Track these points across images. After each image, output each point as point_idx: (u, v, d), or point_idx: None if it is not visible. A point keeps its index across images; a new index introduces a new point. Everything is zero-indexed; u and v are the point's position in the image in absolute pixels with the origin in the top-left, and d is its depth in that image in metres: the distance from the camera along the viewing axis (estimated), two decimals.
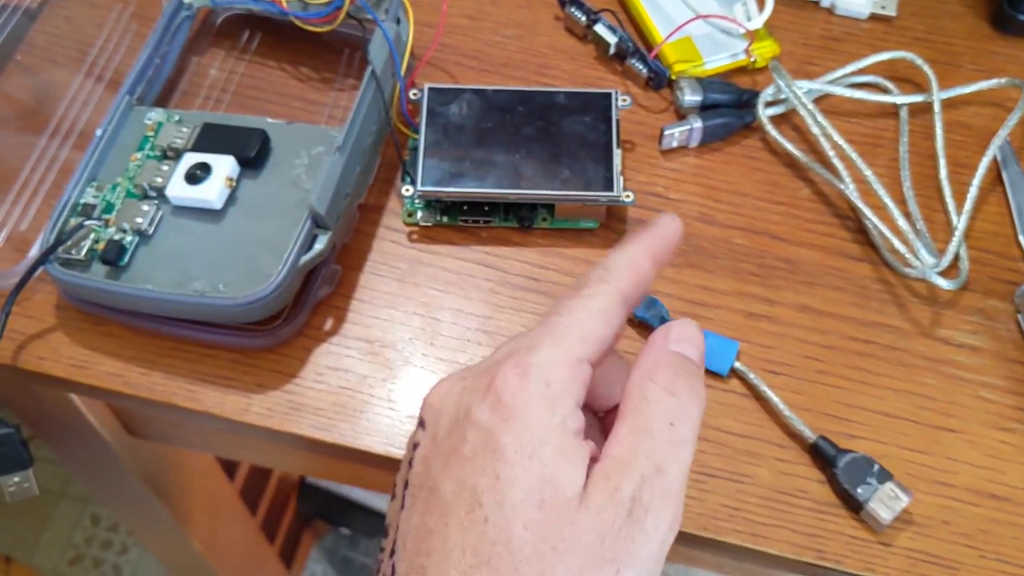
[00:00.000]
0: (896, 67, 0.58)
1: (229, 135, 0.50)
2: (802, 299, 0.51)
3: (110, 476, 0.71)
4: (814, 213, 0.54)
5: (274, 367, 0.49)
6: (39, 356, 0.49)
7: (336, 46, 0.58)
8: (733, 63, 0.58)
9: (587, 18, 0.58)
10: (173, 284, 0.47)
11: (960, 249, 0.52)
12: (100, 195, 0.50)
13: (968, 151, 0.56)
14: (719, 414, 0.48)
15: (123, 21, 0.60)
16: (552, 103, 0.54)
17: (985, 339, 0.50)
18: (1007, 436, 0.47)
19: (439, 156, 0.52)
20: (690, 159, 0.55)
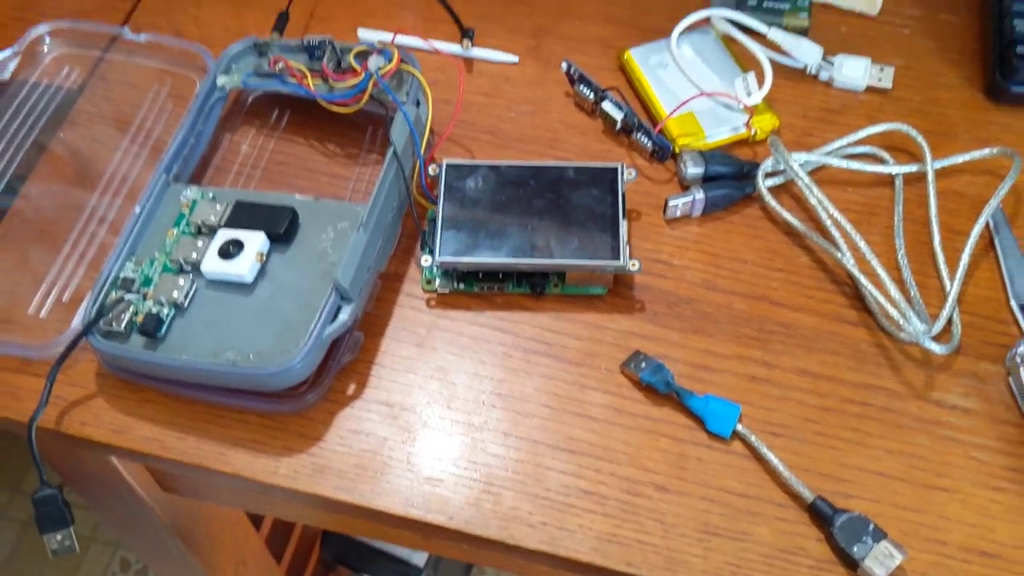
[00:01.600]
0: (892, 138, 0.61)
1: (260, 212, 0.54)
2: (801, 363, 0.53)
3: (142, 527, 0.74)
4: (812, 280, 0.56)
5: (300, 431, 0.52)
6: (81, 421, 0.52)
7: (360, 123, 0.62)
8: (734, 136, 0.61)
9: (595, 95, 0.62)
10: (207, 354, 0.50)
11: (953, 314, 0.54)
12: (139, 269, 0.53)
13: (961, 218, 0.58)
14: (722, 475, 0.50)
15: (160, 100, 0.64)
16: (562, 177, 0.57)
17: (977, 401, 0.52)
18: (998, 495, 0.50)
19: (456, 227, 0.55)
20: (693, 228, 0.58)
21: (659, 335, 0.54)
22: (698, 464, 0.50)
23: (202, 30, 0.68)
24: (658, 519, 0.49)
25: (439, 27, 0.68)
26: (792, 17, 0.65)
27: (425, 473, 0.51)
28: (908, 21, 0.67)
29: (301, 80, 0.59)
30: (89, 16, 0.69)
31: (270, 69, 0.60)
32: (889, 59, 0.65)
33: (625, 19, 0.68)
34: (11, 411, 0.53)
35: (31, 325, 0.55)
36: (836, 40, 0.66)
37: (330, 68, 0.59)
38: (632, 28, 0.67)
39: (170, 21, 0.68)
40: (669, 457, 0.51)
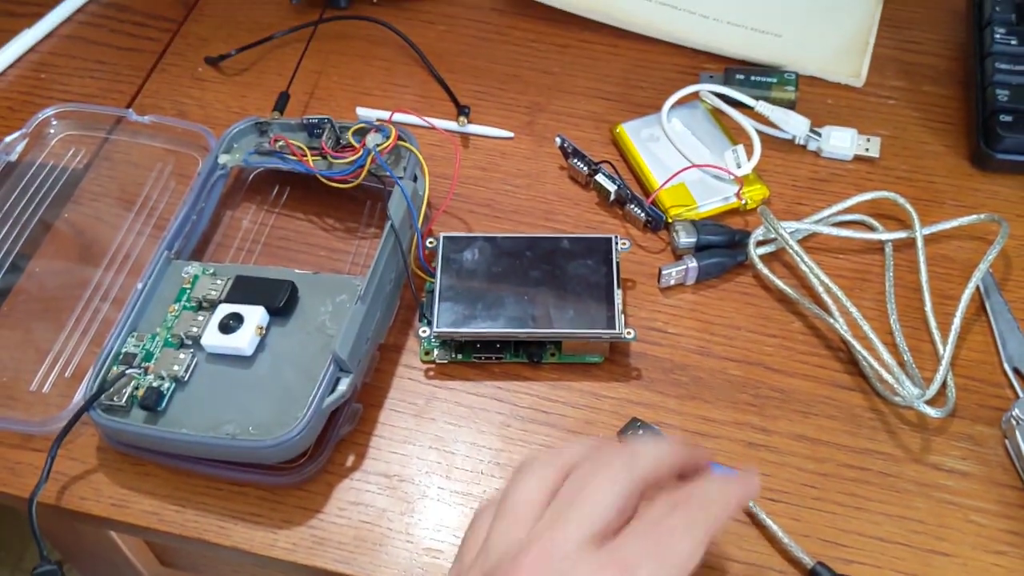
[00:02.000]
0: (880, 205, 0.62)
1: (259, 286, 0.55)
2: (797, 428, 0.54)
3: None
4: (806, 345, 0.57)
5: (299, 503, 0.52)
6: (81, 496, 0.53)
7: (359, 198, 0.63)
8: (725, 206, 0.62)
9: (589, 169, 0.63)
10: (207, 427, 0.50)
11: (947, 377, 0.55)
12: (140, 344, 0.54)
13: (952, 283, 0.59)
14: (721, 542, 0.50)
15: (164, 178, 0.65)
16: (557, 248, 0.58)
17: (974, 464, 0.52)
18: (998, 559, 0.49)
19: (454, 299, 0.56)
20: (687, 296, 0.59)
21: (656, 402, 0.55)
22: None
23: (205, 111, 0.70)
24: None
25: (436, 105, 0.69)
26: (779, 90, 0.67)
27: (424, 544, 0.50)
28: (892, 92, 0.69)
29: (301, 157, 0.60)
30: (95, 99, 0.71)
31: (270, 147, 0.62)
32: (875, 129, 0.66)
33: (616, 95, 0.69)
34: (11, 487, 0.53)
35: (33, 401, 0.55)
36: (823, 112, 0.68)
37: (329, 145, 0.60)
38: (623, 103, 0.69)
39: (173, 103, 0.70)
40: None
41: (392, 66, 0.72)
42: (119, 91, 0.71)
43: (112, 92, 0.71)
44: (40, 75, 0.73)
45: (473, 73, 0.71)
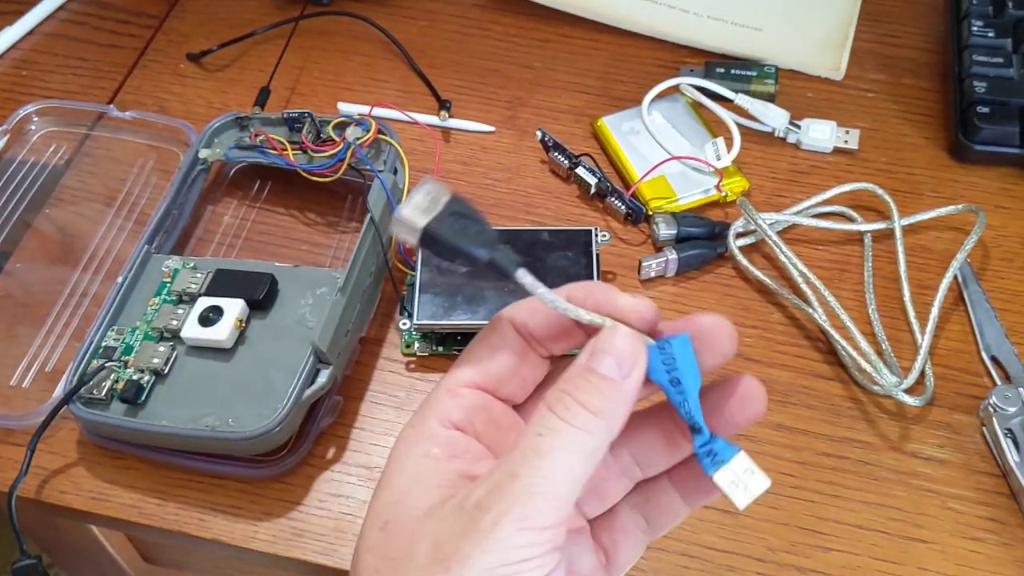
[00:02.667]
0: (860, 197, 0.63)
1: (239, 279, 0.55)
2: (776, 417, 0.54)
3: None
4: (785, 336, 0.57)
5: (279, 495, 0.52)
6: (61, 490, 0.52)
7: (339, 192, 0.63)
8: (705, 198, 0.62)
9: (569, 162, 0.63)
10: (186, 420, 0.50)
11: (925, 366, 0.55)
12: (120, 338, 0.54)
13: (930, 273, 0.60)
14: (699, 530, 0.50)
15: (144, 173, 0.65)
16: (537, 240, 0.58)
17: (952, 452, 0.53)
18: (976, 545, 0.50)
19: (434, 291, 0.56)
20: (668, 288, 0.59)
21: None
22: None
23: (186, 107, 0.70)
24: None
25: (417, 100, 0.69)
26: (759, 84, 0.67)
27: None
28: (872, 85, 0.70)
29: (281, 152, 0.60)
30: (76, 96, 0.70)
31: (251, 142, 0.62)
32: (854, 122, 0.67)
33: (597, 89, 0.70)
34: None
35: (13, 396, 0.55)
36: (802, 104, 0.68)
37: (309, 139, 0.60)
38: (603, 97, 0.69)
39: (155, 99, 0.70)
40: None
41: (373, 61, 0.72)
42: (100, 88, 0.71)
43: (93, 89, 0.71)
44: (21, 72, 0.73)
45: (454, 68, 0.71)
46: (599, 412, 0.31)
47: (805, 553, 0.49)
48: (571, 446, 0.30)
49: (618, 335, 0.31)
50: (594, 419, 0.31)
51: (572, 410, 0.30)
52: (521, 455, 0.30)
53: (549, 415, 0.31)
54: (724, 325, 0.33)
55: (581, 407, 0.31)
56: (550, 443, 0.30)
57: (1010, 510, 0.51)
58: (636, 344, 0.32)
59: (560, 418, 0.30)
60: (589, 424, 0.30)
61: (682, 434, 0.35)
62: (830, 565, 0.49)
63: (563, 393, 0.31)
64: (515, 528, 0.29)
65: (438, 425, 0.33)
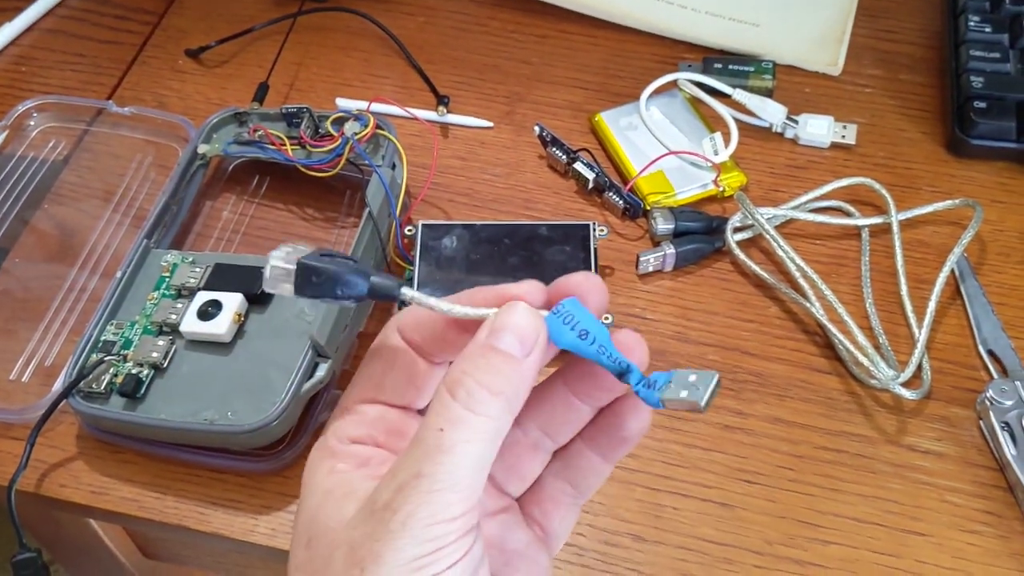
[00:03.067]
0: (857, 191, 0.63)
1: (238, 274, 0.55)
2: (773, 411, 0.54)
3: None
4: (783, 330, 0.57)
5: (279, 489, 0.52)
6: (60, 484, 0.53)
7: (338, 188, 0.63)
8: (703, 193, 0.62)
9: (567, 157, 0.63)
10: (185, 414, 0.50)
11: (923, 360, 0.55)
12: (119, 332, 0.54)
13: (927, 267, 0.60)
14: (697, 523, 0.50)
15: (143, 169, 0.65)
16: (535, 234, 0.58)
17: (949, 445, 0.53)
18: (973, 538, 0.50)
19: (433, 286, 0.56)
20: (665, 282, 0.60)
21: None
22: (674, 513, 0.51)
23: (185, 103, 0.70)
24: (635, 569, 0.49)
25: (416, 95, 0.70)
26: (757, 79, 0.68)
27: None
28: (869, 81, 0.70)
29: (280, 147, 0.60)
30: (75, 92, 0.71)
31: (250, 137, 0.62)
32: (852, 117, 0.67)
33: (594, 84, 0.70)
34: None
35: (12, 390, 0.56)
36: (800, 100, 0.68)
37: (308, 135, 0.60)
38: (601, 93, 0.69)
39: (154, 95, 0.70)
40: (645, 507, 0.51)
41: (371, 57, 0.72)
42: (99, 84, 0.71)
43: (92, 85, 0.71)
44: (20, 68, 0.73)
45: (452, 64, 0.71)
46: (501, 393, 0.30)
47: (803, 546, 0.50)
48: (475, 436, 0.29)
49: (516, 311, 0.31)
50: (496, 402, 0.30)
51: (474, 395, 0.30)
52: (424, 452, 0.29)
53: (450, 402, 0.30)
54: (591, 278, 0.33)
55: (482, 389, 0.30)
56: (452, 437, 0.29)
57: (1006, 503, 0.51)
58: (534, 317, 0.31)
59: (462, 406, 0.30)
60: (491, 408, 0.30)
61: (579, 397, 0.35)
62: (828, 558, 0.49)
63: (463, 374, 0.30)
64: (425, 525, 0.29)
65: (338, 443, 0.34)
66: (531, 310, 0.31)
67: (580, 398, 0.35)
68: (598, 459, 0.36)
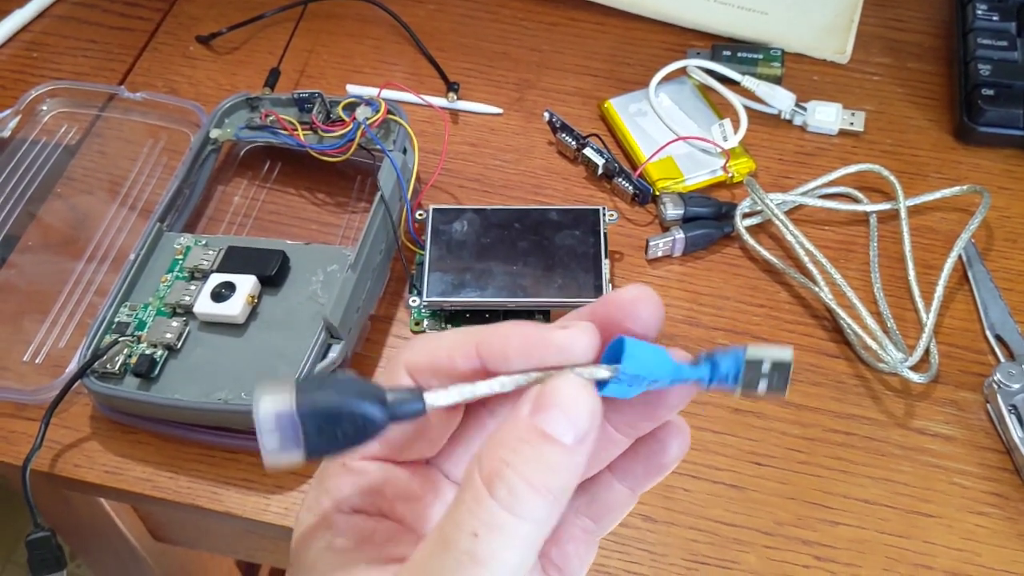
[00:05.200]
0: (865, 178, 0.63)
1: (251, 256, 0.55)
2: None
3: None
4: (792, 314, 0.58)
5: (291, 469, 0.52)
6: (75, 464, 0.53)
7: (349, 173, 0.64)
8: (712, 179, 0.63)
9: (577, 143, 0.64)
10: (199, 394, 0.51)
11: (930, 344, 0.56)
12: (133, 314, 0.54)
13: (935, 253, 0.60)
14: (708, 504, 0.51)
15: (155, 154, 0.66)
16: (545, 219, 0.58)
17: (957, 428, 0.53)
18: (982, 519, 0.50)
19: (443, 269, 0.56)
20: (675, 267, 0.60)
21: None
22: (684, 494, 0.51)
23: (196, 89, 0.70)
24: (646, 549, 0.50)
25: (426, 82, 0.70)
26: (765, 66, 0.68)
27: None
28: (877, 69, 0.70)
29: (291, 132, 0.61)
30: (87, 77, 0.71)
31: (261, 122, 0.62)
32: (860, 104, 0.67)
33: (604, 72, 0.70)
34: (5, 455, 0.53)
35: (26, 372, 0.56)
36: (808, 87, 0.68)
37: (319, 120, 0.61)
38: (611, 80, 0.69)
39: (165, 81, 0.71)
40: (656, 488, 0.50)
41: (382, 44, 0.73)
42: (111, 69, 0.72)
43: (104, 71, 0.72)
44: (32, 54, 0.73)
45: (462, 51, 0.72)
46: (549, 492, 0.24)
47: (813, 527, 0.50)
48: (516, 543, 0.24)
49: (568, 384, 0.25)
50: (543, 503, 0.24)
51: (517, 494, 0.24)
52: (455, 562, 0.24)
53: (488, 501, 0.24)
54: (644, 294, 0.28)
55: (528, 487, 0.24)
56: (489, 547, 0.24)
57: (1014, 485, 0.51)
58: (590, 394, 0.25)
59: (502, 507, 0.24)
60: (537, 510, 0.24)
61: (619, 429, 0.30)
62: (837, 539, 0.50)
63: (504, 465, 0.24)
64: None
65: (336, 511, 0.28)
66: (585, 384, 0.26)
67: (620, 430, 0.30)
68: (626, 492, 0.32)
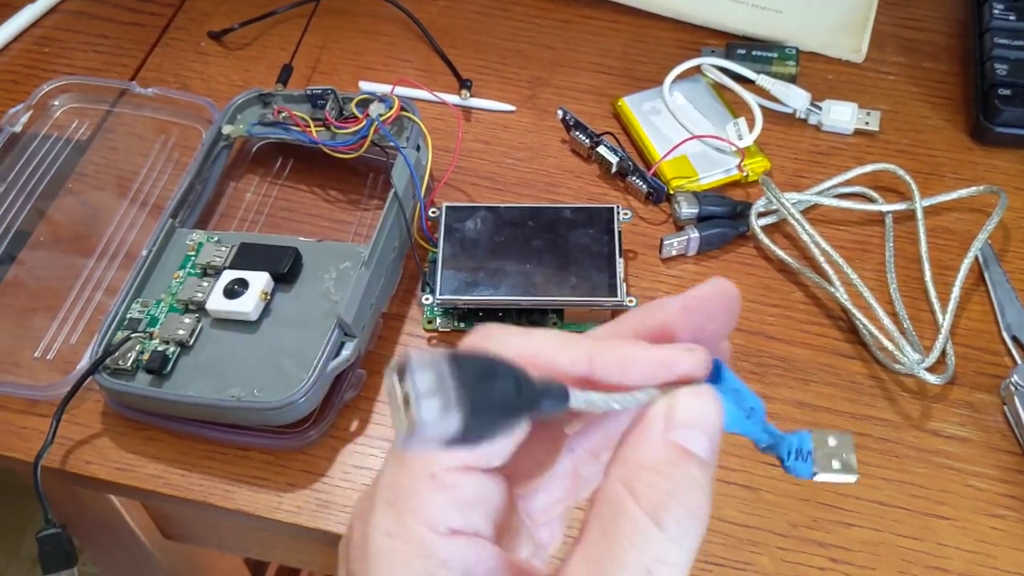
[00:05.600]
0: (881, 178, 0.63)
1: (264, 253, 0.55)
2: (798, 395, 0.54)
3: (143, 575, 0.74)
4: (807, 314, 0.57)
5: (303, 467, 0.52)
6: (86, 460, 0.53)
7: (362, 170, 0.63)
8: (727, 178, 0.62)
9: (590, 141, 0.63)
10: (212, 390, 0.51)
11: (946, 345, 0.55)
12: (145, 310, 0.54)
13: (951, 254, 0.60)
14: (722, 505, 0.50)
15: (166, 150, 0.66)
16: (559, 217, 0.58)
17: (973, 430, 0.53)
18: (997, 522, 0.50)
19: (456, 267, 0.56)
20: (689, 266, 0.60)
21: None
22: None
23: (208, 85, 0.70)
24: None
25: (438, 79, 0.70)
26: (780, 65, 0.67)
27: None
28: (893, 68, 0.70)
29: (304, 128, 0.60)
30: (99, 73, 0.71)
31: (274, 118, 0.62)
32: (875, 104, 0.67)
33: (617, 69, 0.70)
34: (17, 451, 0.53)
35: (37, 368, 0.56)
36: (823, 86, 0.68)
37: (332, 116, 0.60)
38: (624, 78, 0.69)
39: (177, 77, 0.70)
40: None
41: (395, 41, 0.72)
42: (122, 65, 0.71)
43: (115, 66, 0.71)
44: (44, 49, 0.73)
45: (475, 48, 0.71)
46: (706, 515, 0.24)
47: (826, 528, 0.50)
48: (684, 572, 0.24)
49: (703, 398, 0.25)
50: (700, 528, 0.24)
51: (684, 525, 0.24)
52: None
53: (656, 536, 0.24)
54: (724, 293, 0.28)
55: (691, 516, 0.24)
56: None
57: None
58: (715, 402, 0.26)
59: (670, 539, 0.24)
60: (697, 537, 0.24)
61: None
62: (851, 540, 0.49)
63: (667, 496, 0.24)
64: None
65: (431, 533, 0.25)
66: (714, 394, 0.26)
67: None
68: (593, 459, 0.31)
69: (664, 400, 0.26)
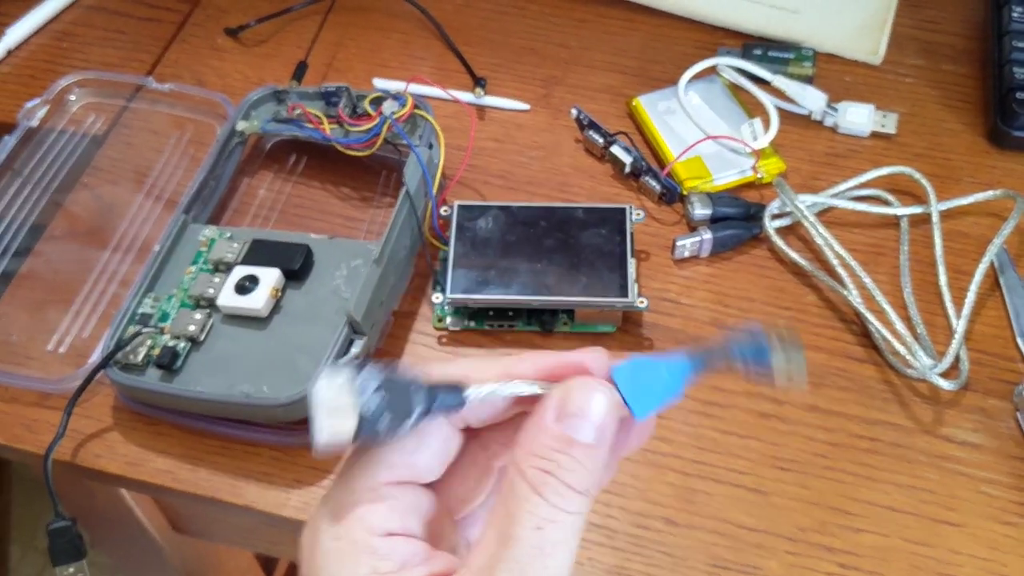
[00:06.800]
0: (896, 181, 0.62)
1: (276, 249, 0.55)
2: (809, 399, 0.54)
3: (153, 570, 0.74)
4: (820, 318, 0.57)
5: (311, 463, 0.52)
6: (96, 454, 0.53)
7: (374, 168, 0.63)
8: (741, 179, 0.62)
9: (604, 140, 0.63)
10: (222, 386, 0.51)
11: (960, 351, 0.55)
12: (157, 305, 0.54)
13: (966, 258, 0.59)
14: (729, 508, 0.50)
15: (181, 146, 0.66)
16: (571, 217, 0.58)
17: (986, 437, 0.52)
18: (1008, 529, 0.49)
19: (467, 266, 0.56)
20: (702, 268, 0.59)
21: None
22: (706, 497, 0.51)
23: (224, 81, 0.70)
24: (667, 552, 0.49)
25: (453, 77, 0.70)
26: (797, 66, 0.67)
27: None
28: (910, 70, 0.69)
29: (318, 125, 0.61)
30: (115, 68, 0.71)
31: (288, 115, 0.62)
32: (892, 106, 0.66)
33: (633, 69, 0.70)
34: (28, 443, 0.53)
35: (50, 360, 0.56)
36: (840, 88, 0.67)
37: (346, 113, 0.61)
38: (640, 77, 0.69)
39: (193, 73, 0.71)
40: (677, 491, 0.51)
41: (409, 39, 0.72)
42: (139, 60, 0.72)
43: (132, 62, 0.72)
44: (61, 44, 0.73)
45: (490, 46, 0.71)
46: (587, 491, 0.29)
47: (835, 533, 0.49)
48: (569, 535, 0.28)
49: (594, 393, 0.29)
50: (583, 500, 0.29)
51: (563, 495, 0.28)
52: (524, 555, 0.28)
53: (541, 503, 0.28)
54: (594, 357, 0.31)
55: (569, 489, 0.28)
56: (553, 538, 0.28)
57: None
58: (612, 401, 0.30)
59: (555, 506, 0.28)
60: (580, 506, 0.29)
61: None
62: (860, 546, 0.49)
63: (545, 474, 0.28)
64: None
65: (371, 536, 0.30)
66: (597, 385, 0.30)
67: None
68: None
69: (557, 391, 0.30)
